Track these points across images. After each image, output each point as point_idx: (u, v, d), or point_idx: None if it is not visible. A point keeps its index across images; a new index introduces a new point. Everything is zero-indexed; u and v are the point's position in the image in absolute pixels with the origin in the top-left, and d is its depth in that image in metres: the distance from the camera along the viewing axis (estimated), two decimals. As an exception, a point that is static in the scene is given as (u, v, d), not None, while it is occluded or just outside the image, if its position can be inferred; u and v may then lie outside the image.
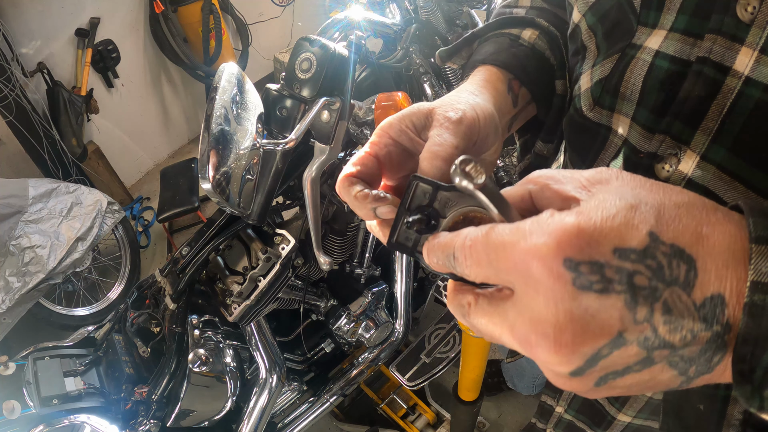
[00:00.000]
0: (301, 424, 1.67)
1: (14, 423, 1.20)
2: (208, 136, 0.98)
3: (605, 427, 0.63)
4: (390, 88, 1.48)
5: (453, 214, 0.35)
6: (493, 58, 0.56)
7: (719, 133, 0.40)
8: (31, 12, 2.55)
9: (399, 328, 1.71)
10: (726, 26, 0.38)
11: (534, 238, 0.26)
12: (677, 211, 0.27)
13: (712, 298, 0.25)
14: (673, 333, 0.26)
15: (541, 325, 0.26)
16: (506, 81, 0.55)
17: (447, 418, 1.84)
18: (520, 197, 0.33)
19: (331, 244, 1.38)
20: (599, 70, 0.49)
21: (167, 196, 2.29)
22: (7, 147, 2.63)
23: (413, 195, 0.36)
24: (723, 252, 0.26)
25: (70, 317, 2.37)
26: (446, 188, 0.36)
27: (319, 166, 1.11)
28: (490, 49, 0.58)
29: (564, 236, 0.25)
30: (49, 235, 2.18)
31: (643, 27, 0.45)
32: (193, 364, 1.27)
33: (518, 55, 0.56)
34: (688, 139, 0.42)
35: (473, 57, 0.60)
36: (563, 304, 0.26)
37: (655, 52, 0.44)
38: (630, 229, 0.25)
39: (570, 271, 0.25)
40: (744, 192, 0.40)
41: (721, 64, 0.39)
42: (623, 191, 0.27)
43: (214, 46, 3.16)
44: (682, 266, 0.25)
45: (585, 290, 0.25)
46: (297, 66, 1.06)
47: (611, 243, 0.25)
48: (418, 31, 1.46)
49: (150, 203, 3.22)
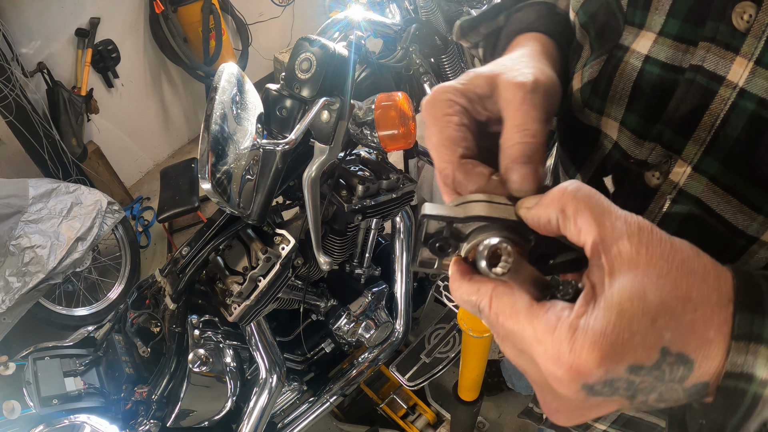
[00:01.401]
0: (301, 424, 1.67)
1: (14, 423, 1.20)
2: (208, 136, 0.98)
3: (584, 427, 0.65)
4: (390, 88, 1.48)
5: (474, 243, 0.33)
6: (538, 25, 0.51)
7: (712, 144, 0.39)
8: (31, 12, 2.55)
9: (399, 328, 1.71)
10: (721, 34, 0.37)
11: (556, 367, 0.28)
12: (693, 315, 0.28)
13: (697, 385, 0.29)
14: (660, 403, 0.30)
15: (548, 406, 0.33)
16: (557, 48, 0.51)
17: (447, 418, 1.84)
18: (547, 220, 0.31)
19: (331, 244, 1.38)
20: (588, 71, 0.48)
21: (167, 196, 2.30)
22: (7, 147, 2.63)
23: (425, 230, 0.34)
24: (718, 353, 0.28)
25: (70, 317, 2.37)
26: (461, 221, 0.33)
27: (319, 166, 1.11)
28: (530, 17, 0.54)
29: (586, 368, 0.27)
30: (49, 235, 2.18)
31: (629, 26, 0.44)
32: (193, 364, 1.27)
33: (561, 23, 0.53)
34: (679, 148, 0.41)
35: (509, 28, 0.55)
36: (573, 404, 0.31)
37: (645, 57, 0.42)
38: (646, 349, 0.27)
39: (585, 391, 0.29)
40: (738, 206, 0.39)
41: (715, 74, 0.38)
42: (648, 284, 0.28)
43: (214, 46, 3.16)
44: (681, 369, 0.28)
45: (594, 395, 0.29)
46: (297, 66, 1.06)
47: (627, 362, 0.27)
48: (418, 31, 1.46)
49: (150, 203, 3.22)
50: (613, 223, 0.29)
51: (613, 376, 0.28)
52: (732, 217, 0.40)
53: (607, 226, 0.29)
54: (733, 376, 0.28)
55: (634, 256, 0.28)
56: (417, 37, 1.47)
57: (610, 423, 0.64)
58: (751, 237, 0.39)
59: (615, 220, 0.29)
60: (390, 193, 1.35)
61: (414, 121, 1.19)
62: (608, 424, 0.65)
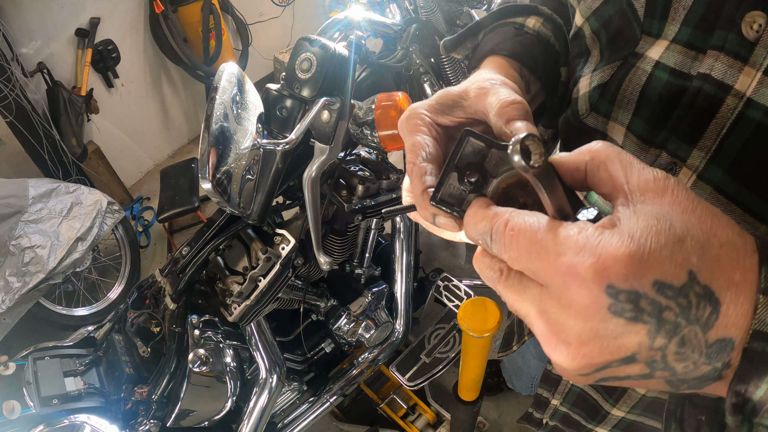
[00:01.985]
0: (301, 424, 1.67)
1: (14, 423, 1.20)
2: (208, 136, 0.98)
3: (600, 420, 0.64)
4: (390, 88, 1.48)
5: (505, 176, 0.33)
6: (500, 48, 0.55)
7: (717, 153, 0.39)
8: (31, 12, 2.55)
9: (399, 328, 1.71)
10: (729, 44, 0.37)
11: (581, 257, 0.27)
12: (719, 250, 0.27)
13: (723, 340, 0.27)
14: (679, 362, 0.28)
15: (565, 333, 0.28)
16: (517, 68, 0.54)
17: (447, 418, 1.84)
18: (575, 167, 0.31)
19: (331, 244, 1.38)
20: (599, 76, 0.48)
21: (167, 196, 2.30)
22: (7, 147, 2.63)
23: (463, 150, 0.33)
24: (745, 301, 0.27)
25: (70, 317, 2.37)
26: (500, 147, 0.32)
27: (319, 166, 1.11)
28: (496, 39, 0.57)
29: (613, 264, 0.26)
30: (49, 235, 2.18)
31: (647, 36, 0.44)
32: (193, 364, 1.27)
33: (524, 43, 0.56)
34: (684, 156, 0.41)
35: (479, 48, 0.59)
36: (592, 323, 0.27)
37: (655, 62, 0.43)
38: (674, 265, 0.26)
39: (609, 298, 0.26)
40: (741, 215, 0.39)
41: (723, 83, 0.38)
42: (674, 215, 0.27)
43: (214, 46, 3.16)
44: (708, 308, 0.27)
45: (617, 315, 0.26)
46: (297, 66, 1.06)
47: (654, 275, 0.26)
48: (418, 31, 1.46)
49: (150, 203, 3.22)
50: (640, 170, 0.29)
51: (639, 288, 0.26)
52: None
53: (634, 171, 0.29)
54: (762, 336, 0.26)
55: (659, 192, 0.28)
56: (417, 37, 1.47)
57: (611, 427, 0.64)
58: None
59: (642, 168, 0.29)
60: (390, 193, 1.35)
61: (414, 121, 1.18)
62: (609, 429, 0.65)
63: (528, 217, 0.29)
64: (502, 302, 1.19)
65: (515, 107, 0.36)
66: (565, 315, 0.28)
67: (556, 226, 0.28)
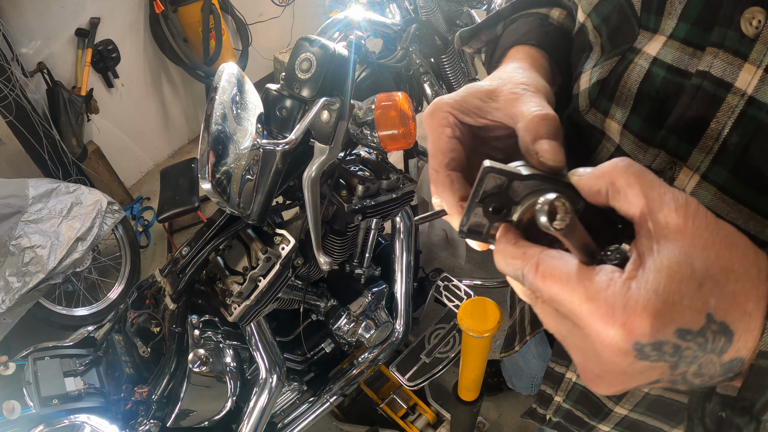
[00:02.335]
0: (301, 424, 1.67)
1: (14, 423, 1.20)
2: (208, 136, 0.97)
3: (602, 417, 0.64)
4: (390, 88, 1.48)
5: (528, 205, 0.33)
6: (528, 38, 0.54)
7: (720, 153, 0.38)
8: (31, 12, 2.55)
9: (399, 328, 1.71)
10: (729, 40, 0.36)
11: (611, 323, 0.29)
12: (735, 286, 0.29)
13: (734, 360, 0.30)
14: (696, 378, 0.31)
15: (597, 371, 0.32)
16: (547, 59, 0.53)
17: (447, 418, 1.84)
18: (596, 191, 0.32)
19: (331, 244, 1.38)
20: (598, 71, 0.48)
21: (167, 196, 2.30)
22: (7, 147, 2.63)
23: (485, 186, 0.34)
24: (755, 327, 0.29)
25: (70, 317, 2.36)
26: (523, 178, 0.33)
27: (319, 166, 1.11)
28: (521, 29, 0.56)
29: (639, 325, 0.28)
30: (49, 235, 2.18)
31: (644, 31, 0.43)
32: (193, 364, 1.27)
33: (550, 34, 0.55)
34: (684, 155, 0.41)
35: (503, 40, 0.58)
36: (618, 367, 0.30)
37: (653, 58, 0.42)
38: (694, 312, 0.28)
39: (635, 351, 0.29)
40: (749, 215, 0.39)
41: (722, 80, 0.37)
42: (695, 252, 0.29)
43: (214, 46, 3.16)
44: (723, 339, 0.29)
45: (642, 360, 0.29)
46: (297, 66, 1.06)
47: (676, 325, 0.28)
48: (418, 31, 1.46)
49: (150, 203, 3.22)
50: (661, 196, 0.30)
51: (663, 338, 0.28)
52: (744, 224, 0.40)
53: (656, 198, 0.30)
54: (766, 355, 0.29)
55: (681, 226, 0.29)
56: (417, 37, 1.47)
57: (614, 425, 0.64)
58: (764, 241, 0.39)
59: (663, 194, 0.30)
60: (390, 193, 1.35)
61: (414, 121, 1.19)
62: (611, 426, 0.65)
63: (557, 262, 0.31)
64: (502, 302, 1.20)
65: (545, 123, 0.36)
66: (596, 359, 0.31)
67: (585, 276, 0.30)
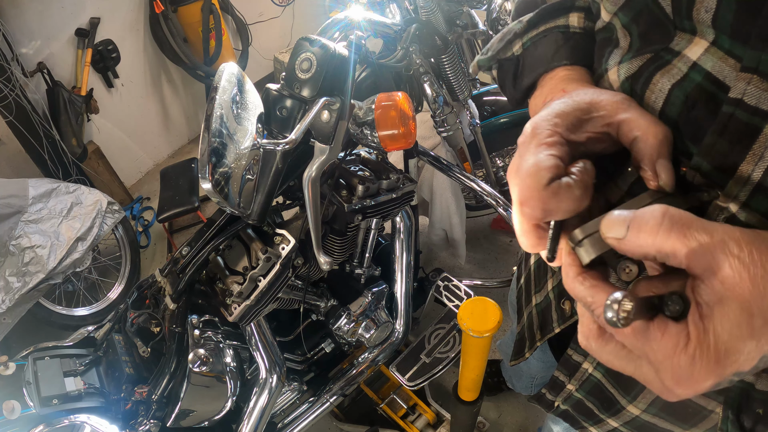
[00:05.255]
0: (301, 424, 1.67)
1: (14, 423, 1.20)
2: (208, 136, 0.97)
3: (613, 413, 0.63)
4: (390, 88, 1.48)
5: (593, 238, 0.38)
6: (557, 59, 0.54)
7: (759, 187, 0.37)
8: (31, 12, 2.55)
9: (399, 328, 1.71)
10: (763, 65, 0.33)
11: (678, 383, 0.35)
12: None
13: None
14: None
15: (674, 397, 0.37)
16: (587, 73, 0.53)
17: (447, 418, 1.84)
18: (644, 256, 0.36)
19: (331, 244, 1.38)
20: (626, 67, 0.46)
21: (167, 196, 2.29)
22: (7, 147, 2.63)
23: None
24: None
25: (70, 317, 2.36)
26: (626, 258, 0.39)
27: (319, 166, 1.11)
28: (548, 51, 0.56)
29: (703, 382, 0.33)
30: (49, 235, 2.18)
31: (682, 33, 0.41)
32: (193, 364, 1.27)
33: (577, 46, 0.55)
34: (719, 181, 0.39)
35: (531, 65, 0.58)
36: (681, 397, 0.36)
37: (693, 63, 0.40)
38: (748, 360, 0.32)
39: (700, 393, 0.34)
40: None
41: (757, 108, 0.34)
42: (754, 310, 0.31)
43: (214, 46, 3.16)
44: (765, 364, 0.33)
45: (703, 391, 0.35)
46: (297, 66, 1.06)
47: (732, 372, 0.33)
48: (418, 31, 1.46)
49: (150, 203, 3.22)
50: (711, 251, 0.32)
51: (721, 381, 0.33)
52: None
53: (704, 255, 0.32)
54: None
55: (737, 282, 0.31)
56: (417, 37, 1.47)
57: (623, 423, 0.64)
58: None
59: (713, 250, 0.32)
60: (390, 193, 1.35)
61: (414, 121, 1.19)
62: (620, 423, 0.64)
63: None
64: (503, 302, 1.19)
65: (667, 143, 0.40)
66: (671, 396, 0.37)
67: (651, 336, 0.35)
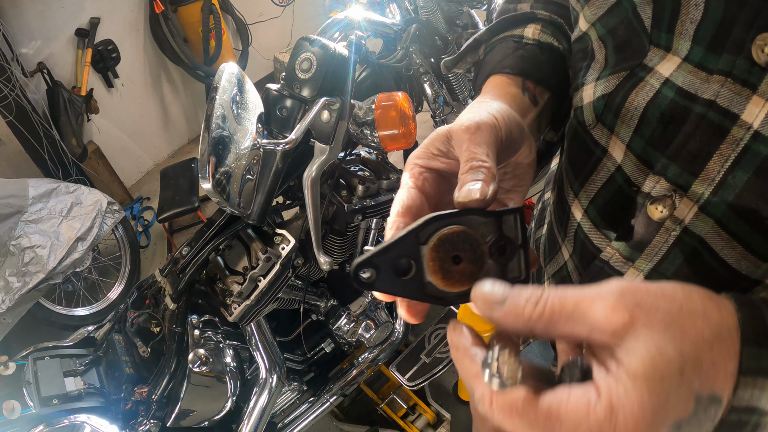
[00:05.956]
0: (301, 424, 1.67)
1: (14, 423, 1.20)
2: (208, 136, 0.98)
3: None
4: (390, 88, 1.48)
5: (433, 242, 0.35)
6: (502, 65, 0.55)
7: (721, 186, 0.37)
8: (31, 12, 2.55)
9: (399, 328, 1.71)
10: (737, 69, 0.34)
11: None
12: (712, 356, 0.28)
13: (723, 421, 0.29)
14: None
15: None
16: (519, 83, 0.53)
17: (447, 418, 1.84)
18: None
19: (331, 244, 1.38)
20: (603, 85, 0.47)
21: (167, 196, 2.29)
22: (7, 147, 2.63)
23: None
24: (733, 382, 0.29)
25: (70, 317, 2.37)
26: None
27: (320, 166, 1.11)
28: (497, 57, 0.57)
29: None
30: (49, 235, 2.18)
31: (656, 48, 0.41)
32: (193, 364, 1.27)
33: (526, 56, 0.55)
34: (685, 185, 0.39)
35: (482, 68, 0.59)
36: None
37: (665, 79, 0.40)
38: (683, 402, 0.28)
39: None
40: (742, 253, 0.38)
41: (728, 111, 0.35)
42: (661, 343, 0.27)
43: (214, 46, 3.16)
44: (713, 408, 0.28)
45: None
46: (297, 66, 1.06)
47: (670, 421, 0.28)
48: (418, 31, 1.46)
49: (150, 203, 3.22)
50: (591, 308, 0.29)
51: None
52: (735, 263, 0.39)
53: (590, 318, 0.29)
54: (738, 410, 0.29)
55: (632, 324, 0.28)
56: (417, 37, 1.47)
57: None
58: (755, 281, 0.39)
59: (592, 305, 0.29)
60: (390, 193, 1.35)
61: (414, 121, 1.19)
62: None
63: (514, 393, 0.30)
64: (502, 302, 1.16)
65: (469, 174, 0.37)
66: None
67: (555, 405, 0.28)
